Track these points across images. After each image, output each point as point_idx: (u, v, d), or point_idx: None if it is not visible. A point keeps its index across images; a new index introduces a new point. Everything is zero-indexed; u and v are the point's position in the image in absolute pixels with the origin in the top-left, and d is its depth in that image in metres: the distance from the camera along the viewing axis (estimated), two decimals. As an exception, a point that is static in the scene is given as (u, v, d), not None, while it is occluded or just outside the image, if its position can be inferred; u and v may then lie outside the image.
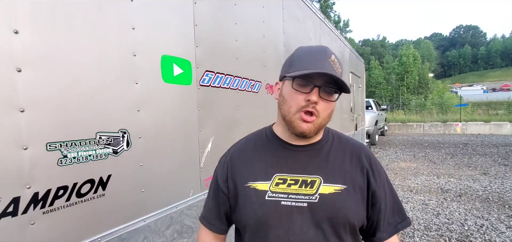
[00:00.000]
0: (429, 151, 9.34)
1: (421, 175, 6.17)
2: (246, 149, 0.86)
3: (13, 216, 0.91)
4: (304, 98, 0.71)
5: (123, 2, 1.25)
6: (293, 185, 0.74)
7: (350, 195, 0.74)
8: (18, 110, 0.91)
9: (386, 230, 0.79)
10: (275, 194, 0.74)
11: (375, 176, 0.79)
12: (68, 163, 1.04)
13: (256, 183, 0.77)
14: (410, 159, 8.12)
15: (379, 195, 0.78)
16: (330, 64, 0.71)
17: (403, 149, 9.82)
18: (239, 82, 2.08)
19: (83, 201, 1.10)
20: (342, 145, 0.82)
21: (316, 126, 0.73)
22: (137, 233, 1.31)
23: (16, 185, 0.91)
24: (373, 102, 12.04)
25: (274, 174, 0.76)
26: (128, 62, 1.27)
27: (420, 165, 7.25)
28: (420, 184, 5.51)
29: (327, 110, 0.74)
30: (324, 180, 0.74)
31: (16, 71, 0.90)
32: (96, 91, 1.14)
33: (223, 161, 0.88)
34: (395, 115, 18.69)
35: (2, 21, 0.88)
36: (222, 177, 0.84)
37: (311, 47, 0.76)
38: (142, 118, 1.34)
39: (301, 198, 0.73)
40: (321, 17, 4.02)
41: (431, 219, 3.86)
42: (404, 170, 6.73)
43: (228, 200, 0.82)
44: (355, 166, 0.78)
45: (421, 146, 10.56)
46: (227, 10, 1.98)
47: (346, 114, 5.66)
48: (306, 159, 0.78)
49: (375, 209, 0.78)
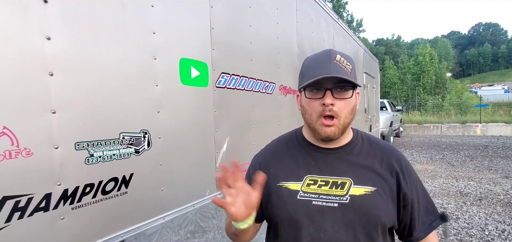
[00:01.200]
0: (447, 153, 9.05)
1: (439, 178, 5.99)
2: (278, 150, 0.90)
3: (45, 211, 0.97)
4: (320, 104, 0.74)
5: (145, 7, 1.30)
6: (324, 186, 0.77)
7: (380, 196, 0.76)
8: (50, 112, 0.97)
9: (422, 229, 0.82)
10: (306, 194, 0.77)
11: (406, 178, 0.80)
12: (94, 161, 1.10)
13: (288, 183, 0.81)
14: (427, 161, 7.89)
15: (410, 197, 0.79)
16: (336, 65, 0.73)
17: (419, 151, 9.56)
18: (254, 83, 2.11)
19: (107, 198, 1.15)
20: (372, 147, 0.84)
21: (339, 127, 0.75)
22: (156, 230, 1.36)
23: (48, 182, 0.97)
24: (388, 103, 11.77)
25: (305, 175, 0.80)
26: (149, 65, 1.32)
27: (437, 167, 7.04)
28: (437, 187, 5.36)
29: (347, 108, 0.76)
30: (354, 182, 0.77)
31: (48, 75, 0.97)
32: (120, 93, 1.20)
33: (256, 160, 0.92)
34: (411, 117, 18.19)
35: (36, 29, 0.94)
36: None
37: (316, 54, 0.80)
38: (162, 119, 1.38)
39: (332, 198, 0.76)
40: (334, 17, 4.00)
41: (450, 223, 3.75)
42: (420, 172, 6.55)
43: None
44: (385, 169, 0.80)
45: (438, 147, 10.25)
46: (242, 12, 2.01)
47: (360, 115, 5.59)
48: (336, 161, 0.80)
49: (407, 211, 0.80)
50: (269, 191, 0.82)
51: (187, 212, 1.54)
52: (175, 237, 1.47)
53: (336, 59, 0.74)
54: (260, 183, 0.72)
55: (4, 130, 0.86)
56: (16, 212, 0.89)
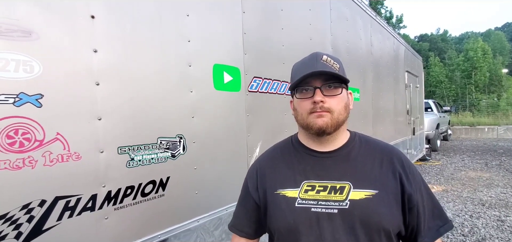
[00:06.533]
0: (505, 158, 8.04)
1: (495, 187, 5.34)
2: (273, 157, 0.88)
3: (91, 211, 1.04)
4: (310, 102, 0.75)
5: (181, 17, 1.35)
6: (322, 191, 0.74)
7: (383, 200, 0.72)
8: (96, 119, 1.05)
9: (427, 234, 0.76)
10: (305, 201, 0.74)
11: (410, 179, 0.75)
12: (135, 165, 1.16)
13: (285, 190, 0.78)
14: (481, 167, 7.09)
15: (415, 199, 0.74)
16: (323, 64, 0.74)
17: (472, 156, 8.64)
18: (286, 87, 2.08)
19: (146, 200, 1.21)
20: (371, 149, 0.81)
21: (333, 120, 0.74)
22: (191, 232, 1.39)
23: (94, 183, 1.05)
24: (434, 103, 10.86)
25: (303, 181, 0.77)
26: (184, 72, 1.37)
27: (494, 174, 6.29)
28: (494, 197, 4.77)
29: (340, 104, 0.75)
30: (353, 185, 0.73)
31: (95, 85, 1.05)
32: (158, 100, 1.26)
33: (253, 169, 0.90)
34: (461, 118, 16.57)
35: (84, 42, 1.03)
36: (253, 186, 0.86)
37: (304, 58, 0.82)
38: (196, 124, 1.42)
39: (331, 204, 0.72)
40: (371, 14, 3.79)
41: (509, 238, 3.31)
42: (473, 180, 5.91)
43: (259, 207, 0.84)
44: (386, 170, 0.76)
45: (494, 152, 9.16)
46: (274, 16, 2.00)
47: (401, 117, 5.22)
48: (333, 165, 0.77)
49: (413, 214, 0.75)
50: (266, 200, 0.81)
51: (221, 215, 1.56)
52: (209, 239, 1.50)
53: (322, 59, 0.75)
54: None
55: (58, 135, 0.95)
56: (66, 211, 0.98)
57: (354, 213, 0.70)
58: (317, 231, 0.71)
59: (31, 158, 0.88)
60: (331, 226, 0.71)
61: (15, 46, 0.85)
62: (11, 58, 0.84)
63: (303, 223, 0.73)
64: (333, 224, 0.71)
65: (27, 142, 0.88)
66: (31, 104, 0.89)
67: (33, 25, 0.90)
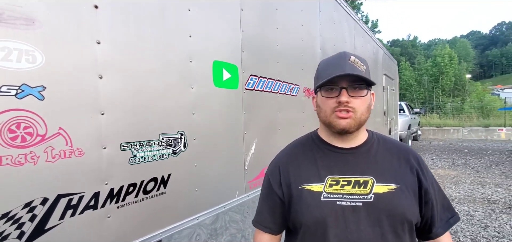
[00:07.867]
0: (470, 157, 8.70)
1: (463, 184, 5.76)
2: (295, 153, 0.89)
3: (94, 209, 1.00)
4: (335, 101, 0.77)
5: (182, 11, 1.33)
6: (346, 185, 0.77)
7: (404, 193, 0.76)
8: (99, 113, 1.01)
9: (441, 225, 0.82)
10: (330, 195, 0.77)
11: (425, 174, 0.81)
12: (137, 162, 1.13)
13: (310, 185, 0.80)
14: (449, 166, 7.61)
15: (430, 192, 0.80)
16: (351, 65, 0.76)
17: (439, 155, 9.23)
18: (280, 86, 2.11)
19: (148, 197, 1.18)
20: (388, 146, 0.85)
21: (356, 120, 0.77)
22: (191, 230, 1.38)
23: (97, 181, 1.01)
24: (406, 105, 11.47)
25: (327, 176, 0.80)
26: (185, 68, 1.35)
27: (460, 172, 6.77)
28: (462, 193, 5.15)
29: (363, 105, 0.78)
30: (376, 180, 0.77)
31: (98, 78, 1.00)
32: (159, 95, 1.23)
33: (274, 165, 0.91)
34: (429, 119, 17.62)
35: (87, 33, 0.98)
36: (276, 181, 0.87)
37: (331, 56, 0.83)
38: (197, 121, 1.41)
39: (356, 197, 0.76)
40: (356, 19, 3.94)
41: (479, 231, 3.59)
42: (443, 177, 6.32)
43: (283, 203, 0.86)
44: (405, 167, 0.81)
45: (460, 152, 9.87)
46: (270, 15, 2.02)
47: (379, 118, 5.47)
48: (355, 160, 0.81)
49: (429, 206, 0.80)
50: (291, 195, 0.82)
51: (219, 213, 1.55)
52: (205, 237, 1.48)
53: (350, 60, 0.77)
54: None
55: (60, 130, 0.90)
56: (68, 210, 0.93)
57: (379, 206, 0.74)
58: (343, 223, 0.74)
59: (33, 153, 0.83)
60: (356, 218, 0.74)
61: (18, 35, 0.80)
62: (13, 47, 0.79)
63: (330, 216, 0.75)
64: (358, 216, 0.74)
65: (29, 136, 0.82)
66: (33, 96, 0.83)
67: (37, 13, 0.84)
